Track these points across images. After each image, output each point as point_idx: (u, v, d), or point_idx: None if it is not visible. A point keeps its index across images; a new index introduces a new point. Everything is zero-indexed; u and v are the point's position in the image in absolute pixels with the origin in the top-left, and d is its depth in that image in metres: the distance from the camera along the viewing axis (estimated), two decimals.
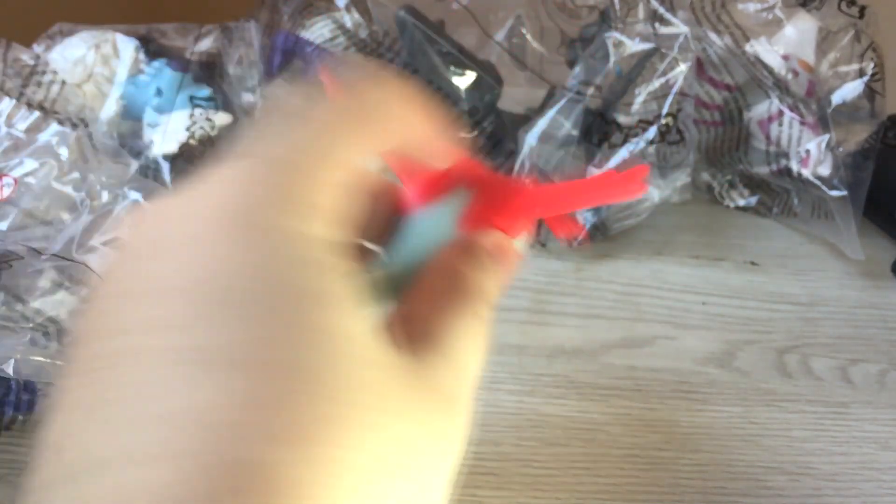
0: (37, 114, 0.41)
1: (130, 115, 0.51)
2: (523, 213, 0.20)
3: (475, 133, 0.50)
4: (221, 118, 0.51)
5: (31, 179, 0.38)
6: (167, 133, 0.49)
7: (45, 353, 0.33)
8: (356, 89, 0.16)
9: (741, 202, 0.55)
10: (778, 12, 0.48)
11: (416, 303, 0.17)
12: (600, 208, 0.47)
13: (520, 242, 0.21)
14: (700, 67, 0.49)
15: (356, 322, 0.14)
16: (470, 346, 0.17)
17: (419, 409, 0.15)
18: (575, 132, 0.45)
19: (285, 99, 0.17)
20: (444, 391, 0.15)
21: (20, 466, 0.34)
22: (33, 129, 0.41)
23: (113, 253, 0.14)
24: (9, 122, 0.40)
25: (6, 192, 0.37)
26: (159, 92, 0.50)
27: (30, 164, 0.38)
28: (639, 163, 0.45)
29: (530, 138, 0.45)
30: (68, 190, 0.38)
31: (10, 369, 0.32)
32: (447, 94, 0.48)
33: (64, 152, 0.39)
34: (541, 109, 0.49)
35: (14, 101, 0.41)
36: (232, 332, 0.12)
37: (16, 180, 0.37)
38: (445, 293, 0.18)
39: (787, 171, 0.49)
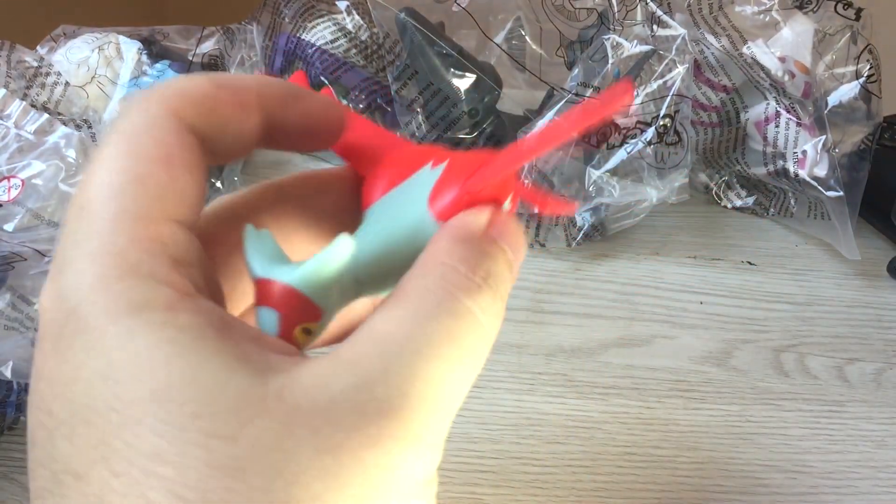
0: (45, 116, 0.41)
1: None
2: (504, 168, 0.17)
3: (475, 134, 0.50)
4: None
5: (37, 181, 0.38)
6: None
7: None
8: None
9: (738, 203, 0.55)
10: (775, 14, 0.48)
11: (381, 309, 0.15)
12: (599, 209, 0.48)
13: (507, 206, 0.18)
14: (697, 69, 0.49)
15: (186, 373, 0.13)
16: (441, 350, 0.15)
17: (344, 426, 0.13)
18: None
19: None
20: (381, 398, 0.14)
21: (23, 464, 0.34)
22: (41, 132, 0.41)
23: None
24: (18, 125, 0.41)
25: (13, 193, 0.37)
26: None
27: (37, 166, 0.38)
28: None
29: None
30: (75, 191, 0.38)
31: (7, 371, 0.31)
32: (447, 96, 0.49)
33: (71, 154, 0.39)
34: (540, 111, 0.50)
35: (23, 104, 0.41)
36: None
37: (23, 181, 0.38)
38: (421, 293, 0.15)
39: (784, 172, 0.49)
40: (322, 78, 0.55)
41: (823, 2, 0.49)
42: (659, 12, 0.46)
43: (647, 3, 0.46)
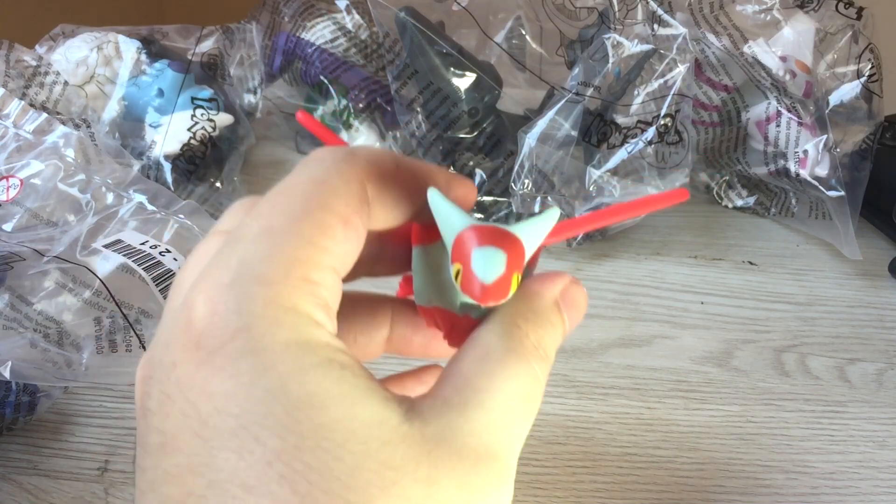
0: (44, 115, 0.41)
1: (132, 115, 0.51)
2: (568, 229, 0.19)
3: (475, 134, 0.50)
4: (223, 119, 0.52)
5: (36, 180, 0.38)
6: (169, 134, 0.49)
7: (44, 355, 0.33)
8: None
9: (739, 202, 0.55)
10: (776, 14, 0.48)
11: (467, 356, 0.17)
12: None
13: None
14: (698, 68, 0.49)
15: (357, 412, 0.15)
16: (517, 404, 0.17)
17: (448, 471, 0.15)
18: (574, 133, 0.46)
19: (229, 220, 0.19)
20: (479, 448, 0.16)
21: (22, 465, 0.34)
22: (40, 131, 0.41)
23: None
24: (16, 124, 0.41)
25: (12, 192, 0.37)
26: (161, 93, 0.50)
27: (36, 166, 0.38)
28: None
29: (530, 139, 0.46)
30: (74, 191, 0.38)
31: (6, 372, 0.31)
32: (447, 95, 0.49)
33: (70, 154, 0.39)
34: (540, 110, 0.50)
35: (22, 103, 0.41)
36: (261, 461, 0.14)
37: (22, 181, 0.38)
38: (498, 350, 0.17)
39: (785, 172, 0.49)
40: (322, 77, 0.55)
41: (825, 1, 0.49)
42: (660, 11, 0.46)
43: (647, 3, 0.46)
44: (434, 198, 0.18)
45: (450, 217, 0.17)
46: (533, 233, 0.17)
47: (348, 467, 0.14)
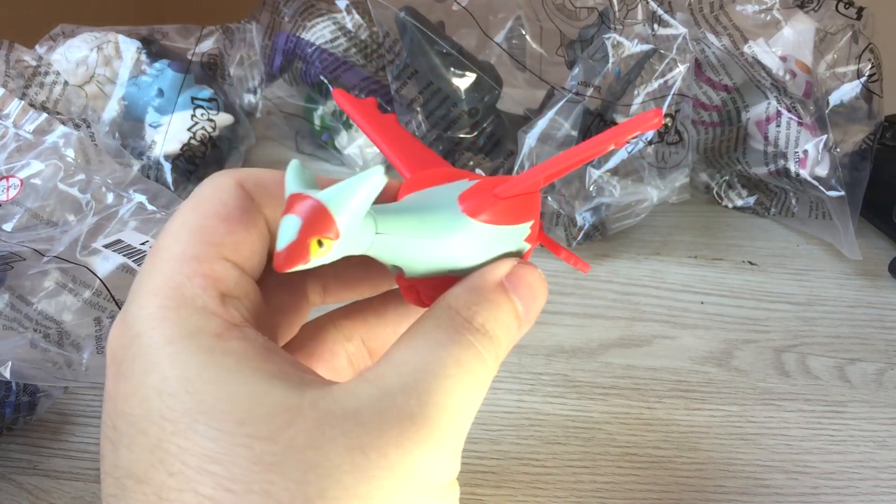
0: (44, 115, 0.41)
1: (132, 115, 0.51)
2: (528, 178, 0.19)
3: (475, 134, 0.50)
4: (223, 119, 0.52)
5: (36, 180, 0.38)
6: (169, 134, 0.49)
7: (44, 355, 0.33)
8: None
9: (739, 202, 0.55)
10: (776, 14, 0.48)
11: (401, 337, 0.18)
12: (600, 209, 0.47)
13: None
14: (698, 68, 0.49)
15: (233, 390, 0.16)
16: (439, 368, 0.17)
17: (338, 435, 0.15)
18: (574, 133, 0.46)
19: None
20: (385, 410, 0.16)
21: (22, 465, 0.34)
22: (40, 131, 0.41)
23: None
24: (16, 124, 0.41)
25: (12, 192, 0.37)
26: (161, 93, 0.50)
27: (36, 166, 0.38)
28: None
29: (530, 139, 0.46)
30: (74, 191, 0.38)
31: (6, 372, 0.31)
32: (447, 95, 0.49)
33: (70, 153, 0.39)
34: (540, 110, 0.50)
35: (22, 103, 0.41)
36: None
37: (22, 181, 0.38)
38: (425, 324, 0.18)
39: (785, 172, 0.49)
40: (322, 77, 0.55)
41: (825, 1, 0.49)
42: (660, 11, 0.46)
43: (647, 3, 0.46)
44: (289, 170, 0.18)
45: (287, 188, 0.18)
46: (344, 194, 0.17)
47: (221, 446, 0.15)
